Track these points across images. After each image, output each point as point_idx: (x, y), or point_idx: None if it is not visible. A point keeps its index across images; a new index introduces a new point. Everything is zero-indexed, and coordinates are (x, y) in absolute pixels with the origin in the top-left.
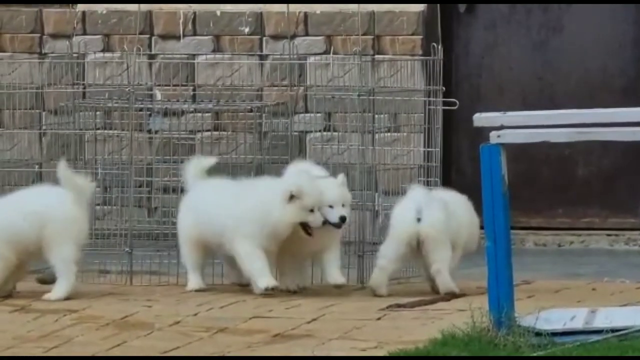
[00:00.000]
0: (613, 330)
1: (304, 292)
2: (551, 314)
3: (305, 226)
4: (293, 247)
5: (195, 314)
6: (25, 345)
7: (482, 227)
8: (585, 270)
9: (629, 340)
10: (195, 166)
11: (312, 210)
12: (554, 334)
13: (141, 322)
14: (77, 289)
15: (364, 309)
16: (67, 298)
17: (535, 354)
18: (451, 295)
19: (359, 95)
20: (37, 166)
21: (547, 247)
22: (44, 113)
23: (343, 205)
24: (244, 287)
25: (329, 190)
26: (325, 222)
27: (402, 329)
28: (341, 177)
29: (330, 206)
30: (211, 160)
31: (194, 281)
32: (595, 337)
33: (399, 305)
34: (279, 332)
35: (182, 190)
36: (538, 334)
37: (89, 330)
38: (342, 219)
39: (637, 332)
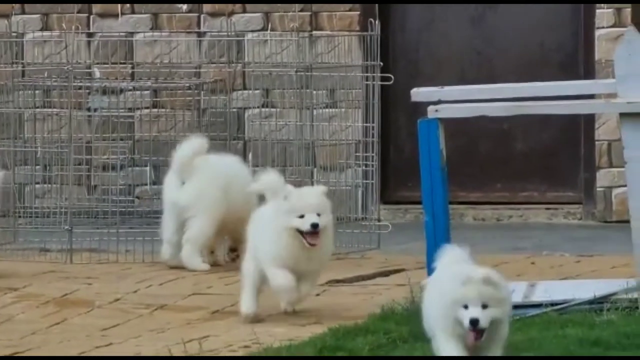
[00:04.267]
0: (552, 304)
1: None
2: None
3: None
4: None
5: (135, 291)
6: None
7: (420, 202)
8: (524, 244)
9: (568, 314)
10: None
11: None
12: None
13: (81, 299)
14: (17, 267)
15: None
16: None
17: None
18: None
19: (296, 72)
20: None
21: (486, 221)
22: None
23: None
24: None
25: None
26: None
27: (342, 304)
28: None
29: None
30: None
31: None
32: (534, 311)
33: (338, 281)
34: (218, 308)
35: (122, 168)
36: None
37: (30, 308)
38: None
39: (576, 305)
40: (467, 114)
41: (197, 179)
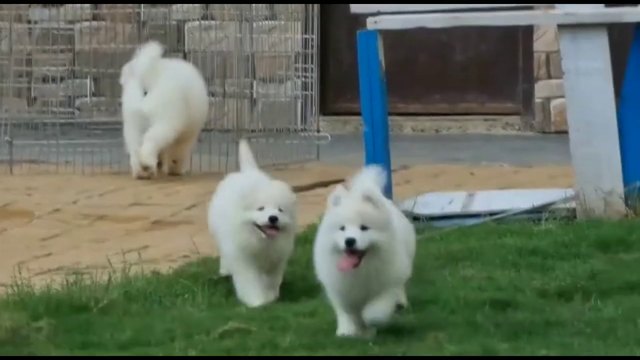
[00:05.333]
0: (491, 214)
1: (184, 178)
2: (429, 199)
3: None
4: None
5: (75, 202)
6: None
7: (360, 113)
8: (463, 155)
9: (506, 224)
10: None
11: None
12: (432, 218)
13: (21, 210)
14: None
15: None
16: None
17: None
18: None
19: None
20: None
21: (425, 132)
22: None
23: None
24: None
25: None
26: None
27: None
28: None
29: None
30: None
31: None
32: (473, 221)
33: None
34: (158, 219)
35: (62, 80)
36: (416, 218)
37: None
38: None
39: (515, 215)
40: (406, 25)
41: (161, 87)
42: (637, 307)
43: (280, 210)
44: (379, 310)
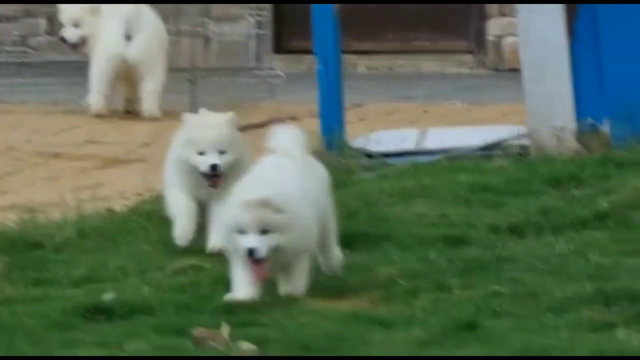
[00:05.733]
0: (443, 151)
1: (138, 117)
2: (382, 136)
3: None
4: None
5: (29, 141)
6: None
7: (313, 52)
8: (416, 93)
9: (458, 161)
10: None
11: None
12: (386, 155)
13: None
14: None
15: None
16: None
17: (366, 175)
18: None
19: None
20: None
21: (379, 70)
22: None
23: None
24: None
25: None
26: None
27: None
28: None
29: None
30: None
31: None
32: (426, 158)
33: None
34: (112, 156)
35: (16, 19)
36: (369, 155)
37: None
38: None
39: (467, 152)
40: None
41: (146, 33)
42: (588, 242)
43: (222, 152)
44: (293, 285)
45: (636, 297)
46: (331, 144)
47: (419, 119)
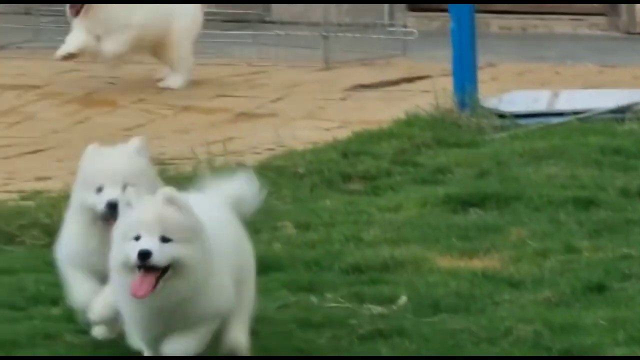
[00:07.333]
0: (575, 113)
1: (269, 70)
2: (514, 96)
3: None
4: None
5: (159, 92)
6: None
7: (447, 10)
8: (549, 53)
9: (589, 123)
10: None
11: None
12: (517, 115)
13: (105, 99)
14: (39, 66)
15: (328, 90)
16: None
17: (497, 135)
18: None
19: None
20: None
21: (512, 30)
22: None
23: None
24: None
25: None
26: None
27: (366, 109)
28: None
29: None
30: None
31: None
32: (557, 119)
33: (362, 86)
34: (243, 111)
35: None
36: (501, 115)
37: (51, 107)
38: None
39: (599, 114)
40: None
41: None
42: None
43: (126, 188)
44: (179, 346)
45: None
46: (463, 103)
47: (551, 80)
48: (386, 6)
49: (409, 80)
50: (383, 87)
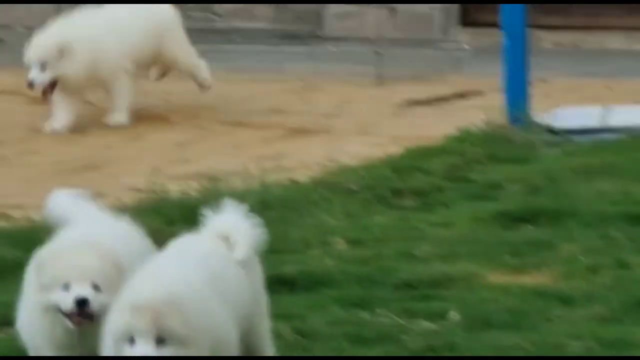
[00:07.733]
0: (627, 129)
1: (321, 86)
2: (567, 112)
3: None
4: None
5: (212, 109)
6: None
7: (500, 26)
8: (601, 69)
9: None
10: None
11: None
12: (569, 131)
13: (157, 115)
14: None
15: (380, 106)
16: None
17: (549, 151)
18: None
19: None
20: None
21: (564, 46)
22: None
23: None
24: None
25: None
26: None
27: (418, 124)
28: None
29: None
30: None
31: None
32: (609, 136)
33: (414, 101)
34: (295, 126)
35: None
36: (553, 131)
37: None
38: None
39: None
40: None
41: None
42: None
43: (96, 287)
44: None
45: None
46: (516, 119)
47: (603, 96)
48: (439, 21)
49: (461, 95)
50: (435, 103)
